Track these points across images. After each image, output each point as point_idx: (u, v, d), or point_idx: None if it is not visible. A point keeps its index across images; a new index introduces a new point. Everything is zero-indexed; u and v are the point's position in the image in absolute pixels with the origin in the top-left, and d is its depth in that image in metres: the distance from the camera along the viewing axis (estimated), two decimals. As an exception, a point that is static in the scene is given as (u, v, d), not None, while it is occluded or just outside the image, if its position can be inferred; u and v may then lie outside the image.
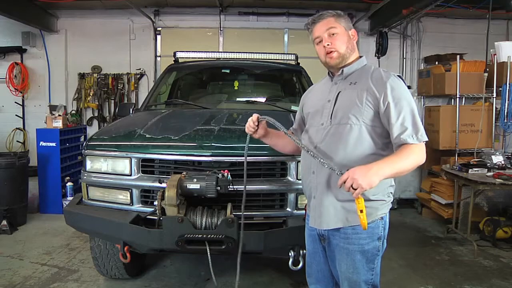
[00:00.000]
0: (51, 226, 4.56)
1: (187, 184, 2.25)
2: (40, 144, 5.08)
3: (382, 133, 1.66)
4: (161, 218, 2.28)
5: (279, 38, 6.62)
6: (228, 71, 4.29)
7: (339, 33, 1.71)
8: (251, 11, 6.44)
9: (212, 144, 2.48)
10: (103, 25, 6.44)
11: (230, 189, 2.29)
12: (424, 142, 1.61)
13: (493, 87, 4.75)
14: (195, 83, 4.59)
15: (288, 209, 2.50)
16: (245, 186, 2.01)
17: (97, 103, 6.50)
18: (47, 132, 5.10)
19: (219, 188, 2.26)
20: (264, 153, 2.42)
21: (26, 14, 5.68)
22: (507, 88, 4.60)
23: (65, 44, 6.47)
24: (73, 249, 3.92)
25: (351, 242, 1.69)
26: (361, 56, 1.80)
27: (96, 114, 6.58)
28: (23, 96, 6.49)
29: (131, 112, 3.75)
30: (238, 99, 3.96)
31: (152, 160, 2.55)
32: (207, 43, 6.49)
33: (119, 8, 6.25)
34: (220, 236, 2.22)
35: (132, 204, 2.54)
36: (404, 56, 6.45)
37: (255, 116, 1.88)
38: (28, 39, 6.28)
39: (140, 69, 6.51)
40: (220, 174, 2.29)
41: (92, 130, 6.20)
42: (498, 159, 4.37)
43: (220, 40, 6.60)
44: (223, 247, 2.24)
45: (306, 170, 1.81)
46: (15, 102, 6.46)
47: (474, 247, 3.93)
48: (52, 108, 5.34)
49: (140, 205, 2.54)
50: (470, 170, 4.12)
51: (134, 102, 6.31)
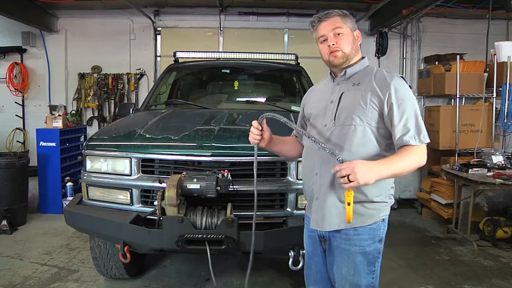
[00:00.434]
0: (51, 226, 4.56)
1: (187, 184, 2.25)
2: (40, 144, 5.08)
3: (385, 134, 1.66)
4: (161, 218, 2.28)
5: (279, 38, 6.62)
6: (228, 71, 4.29)
7: (344, 33, 1.69)
8: (251, 11, 6.44)
9: (212, 144, 2.48)
10: (103, 25, 6.45)
11: (230, 189, 2.29)
12: (425, 144, 1.62)
13: (493, 87, 4.75)
14: (195, 83, 4.59)
15: (288, 209, 2.51)
16: (256, 193, 1.90)
17: (97, 103, 6.50)
18: (47, 132, 5.10)
19: (219, 188, 2.26)
20: (264, 153, 2.40)
21: (26, 14, 5.68)
22: (507, 88, 4.60)
23: (65, 44, 6.47)
24: (73, 249, 3.92)
25: (352, 243, 1.68)
26: (363, 57, 1.78)
27: (96, 114, 6.58)
28: (23, 96, 6.49)
29: (131, 112, 3.75)
30: (238, 99, 3.96)
31: (152, 160, 2.55)
32: (207, 43, 6.49)
33: (119, 8, 6.25)
34: (220, 236, 2.22)
35: (132, 204, 2.54)
36: (404, 56, 6.46)
37: (254, 122, 1.79)
38: (28, 39, 6.28)
39: (140, 69, 6.51)
40: (220, 174, 2.30)
41: (92, 130, 6.20)
42: (498, 159, 4.37)
43: (220, 40, 6.60)
44: (223, 247, 2.24)
45: (309, 171, 1.78)
46: (15, 102, 6.46)
47: (474, 247, 3.93)
48: (52, 108, 5.34)
49: (140, 205, 2.54)
50: (470, 170, 4.13)
51: (134, 102, 6.31)
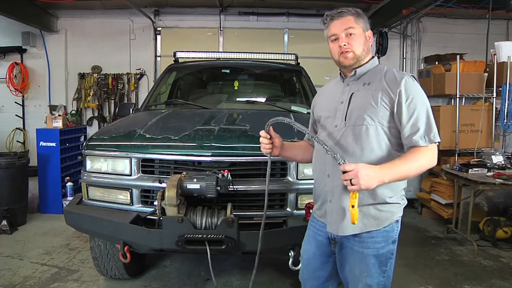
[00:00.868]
0: (51, 226, 4.56)
1: (187, 184, 2.25)
2: (40, 144, 5.08)
3: (396, 133, 1.63)
4: (161, 218, 2.28)
5: (279, 38, 6.63)
6: (228, 71, 4.29)
7: (357, 34, 1.67)
8: (251, 11, 6.46)
9: (212, 144, 2.48)
10: (103, 25, 6.46)
11: (230, 189, 2.29)
12: (436, 144, 1.59)
13: (493, 87, 4.75)
14: (195, 83, 4.58)
15: (288, 209, 2.51)
16: (266, 200, 1.88)
17: (97, 103, 6.51)
18: (47, 132, 5.09)
19: (219, 188, 2.26)
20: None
21: (26, 14, 5.68)
22: (507, 88, 4.61)
23: (65, 44, 6.48)
24: (73, 249, 3.92)
25: (366, 246, 1.66)
26: (373, 56, 1.76)
27: (96, 114, 6.59)
28: (23, 96, 6.50)
29: (131, 112, 3.75)
30: (238, 99, 3.95)
31: (152, 160, 2.55)
32: (207, 43, 6.50)
33: (119, 8, 6.26)
34: (220, 236, 2.22)
35: (132, 204, 2.54)
36: (404, 56, 6.47)
37: (262, 132, 1.78)
38: (28, 39, 6.29)
39: (140, 69, 6.52)
40: (220, 174, 2.29)
41: (92, 130, 6.21)
42: (498, 159, 4.37)
43: (220, 40, 6.61)
44: (223, 247, 2.24)
45: (320, 173, 1.75)
46: (15, 102, 6.47)
47: (474, 247, 3.93)
48: (52, 108, 5.34)
49: (140, 205, 2.54)
50: (470, 170, 4.12)
51: (134, 102, 6.32)
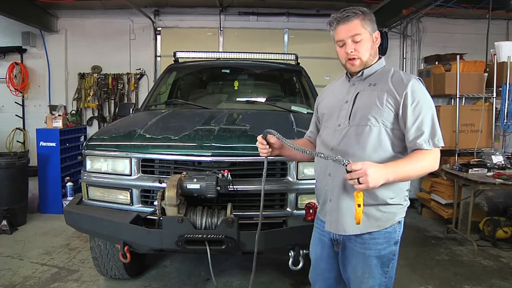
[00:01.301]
0: (51, 226, 4.56)
1: (187, 184, 2.25)
2: (40, 144, 5.08)
3: (400, 136, 1.63)
4: (161, 218, 2.28)
5: (279, 38, 6.62)
6: (228, 71, 4.29)
7: (363, 39, 1.64)
8: (251, 11, 6.45)
9: (212, 144, 2.48)
10: (103, 25, 6.45)
11: (230, 189, 2.29)
12: (439, 148, 1.59)
13: (493, 87, 4.76)
14: (195, 83, 4.58)
15: (288, 209, 2.51)
16: (262, 199, 1.91)
17: (97, 103, 6.51)
18: (47, 132, 5.09)
19: (219, 188, 2.26)
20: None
21: (26, 14, 5.68)
22: (507, 88, 4.61)
23: (65, 44, 6.48)
24: (73, 249, 3.92)
25: (368, 247, 1.65)
26: (380, 57, 1.75)
27: (96, 114, 6.59)
28: (23, 96, 6.50)
29: (131, 112, 3.75)
30: (238, 99, 3.95)
31: (152, 160, 2.55)
32: (207, 43, 6.50)
33: (119, 8, 6.25)
34: (220, 236, 2.22)
35: (132, 204, 2.55)
36: (404, 56, 6.47)
37: (259, 137, 1.83)
38: (28, 39, 6.28)
39: (140, 69, 6.51)
40: (220, 174, 2.30)
41: (92, 130, 6.20)
42: (498, 159, 4.37)
43: (220, 40, 6.60)
44: (223, 247, 2.24)
45: (321, 172, 1.74)
46: (15, 102, 6.46)
47: (474, 247, 3.93)
48: (52, 108, 5.34)
49: (140, 205, 2.54)
50: (470, 170, 4.12)
51: (134, 102, 6.32)
